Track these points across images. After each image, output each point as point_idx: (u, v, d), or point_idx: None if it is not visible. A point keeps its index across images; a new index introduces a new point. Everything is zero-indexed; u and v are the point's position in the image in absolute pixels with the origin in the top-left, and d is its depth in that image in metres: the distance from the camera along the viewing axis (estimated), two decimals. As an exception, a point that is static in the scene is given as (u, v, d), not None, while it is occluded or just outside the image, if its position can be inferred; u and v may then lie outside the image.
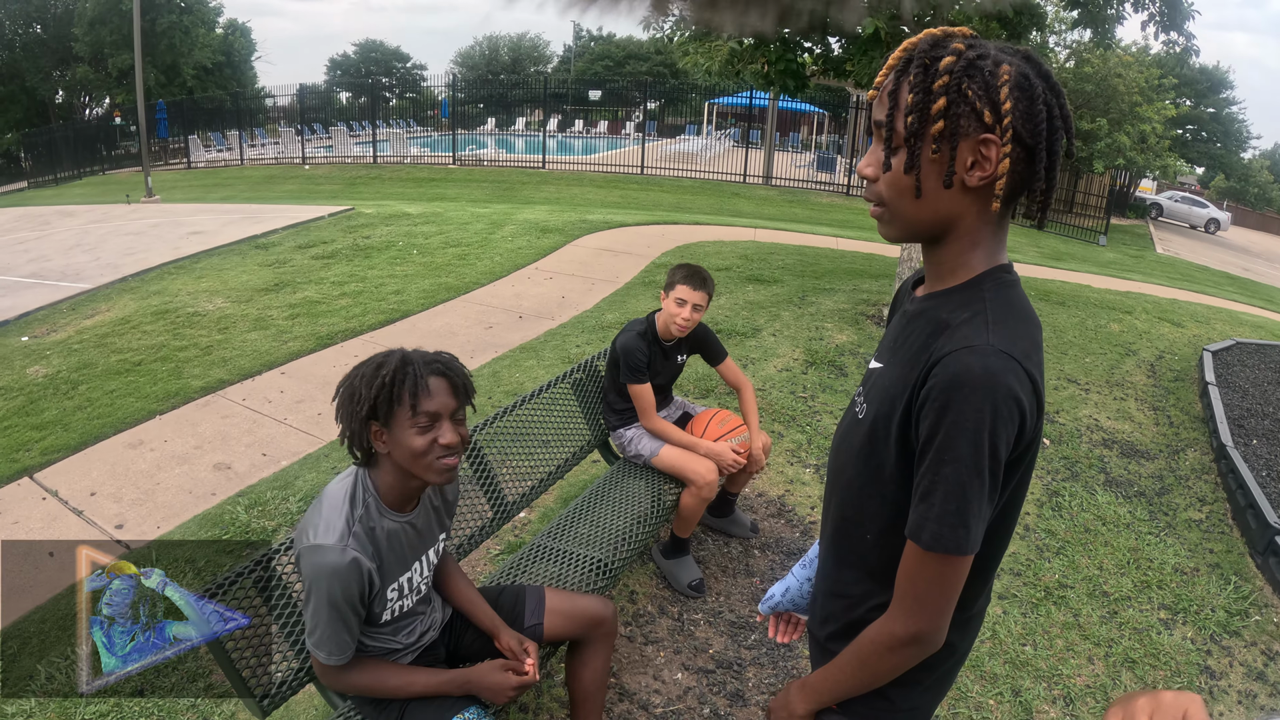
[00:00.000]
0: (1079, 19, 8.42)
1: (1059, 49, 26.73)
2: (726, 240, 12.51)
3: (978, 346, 1.22)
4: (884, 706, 1.51)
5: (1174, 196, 39.31)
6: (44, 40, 39.95)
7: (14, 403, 6.16)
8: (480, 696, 2.26)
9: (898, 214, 1.34)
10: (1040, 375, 1.27)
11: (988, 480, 1.22)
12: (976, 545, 1.26)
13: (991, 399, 1.19)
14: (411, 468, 1.99)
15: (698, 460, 3.72)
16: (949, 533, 1.24)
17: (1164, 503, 5.06)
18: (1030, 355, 1.25)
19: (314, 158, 29.02)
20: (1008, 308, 1.29)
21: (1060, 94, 1.26)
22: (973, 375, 1.20)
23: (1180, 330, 9.31)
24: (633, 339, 3.79)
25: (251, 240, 12.22)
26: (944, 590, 1.30)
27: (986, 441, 1.20)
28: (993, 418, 1.19)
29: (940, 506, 1.24)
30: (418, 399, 1.94)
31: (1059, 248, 20.02)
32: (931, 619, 1.32)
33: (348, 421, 2.00)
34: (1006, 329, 1.25)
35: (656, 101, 42.04)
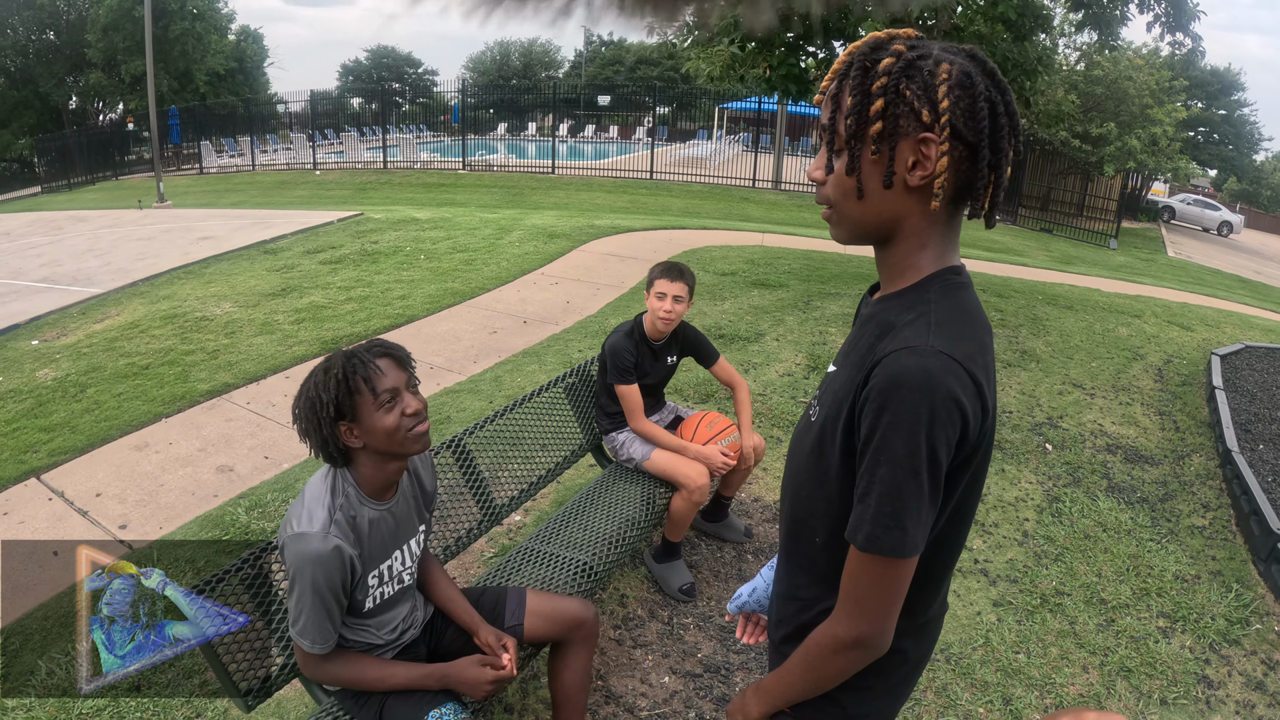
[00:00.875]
0: (1084, 20, 8.41)
1: (1070, 51, 26.66)
2: (734, 245, 12.51)
3: (917, 347, 1.22)
4: (835, 712, 1.50)
5: (1186, 199, 39.08)
6: (57, 46, 40.24)
7: (23, 405, 6.21)
8: (458, 691, 2.29)
9: (844, 216, 1.35)
10: (987, 378, 1.27)
11: (926, 482, 1.22)
12: (916, 548, 1.25)
13: (929, 400, 1.19)
14: (390, 447, 2.08)
15: (688, 464, 3.72)
16: (884, 534, 1.24)
17: (1167, 509, 5.02)
18: (974, 357, 1.25)
19: (325, 163, 29.12)
20: (953, 310, 1.29)
21: (1006, 92, 1.25)
22: (910, 376, 1.20)
23: (1189, 334, 9.26)
24: (620, 340, 3.81)
25: (260, 245, 12.28)
26: (885, 593, 1.30)
27: (924, 443, 1.20)
28: (930, 419, 1.19)
29: (876, 508, 1.24)
30: (373, 382, 2.03)
31: (1069, 251, 19.96)
32: (874, 622, 1.32)
33: (316, 431, 2.07)
34: (950, 331, 1.25)
35: (667, 106, 42.05)
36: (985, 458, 1.35)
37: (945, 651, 3.52)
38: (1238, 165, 47.89)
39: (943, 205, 1.29)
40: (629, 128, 41.68)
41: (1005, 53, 7.35)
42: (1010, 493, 5.02)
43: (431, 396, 6.23)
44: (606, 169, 26.09)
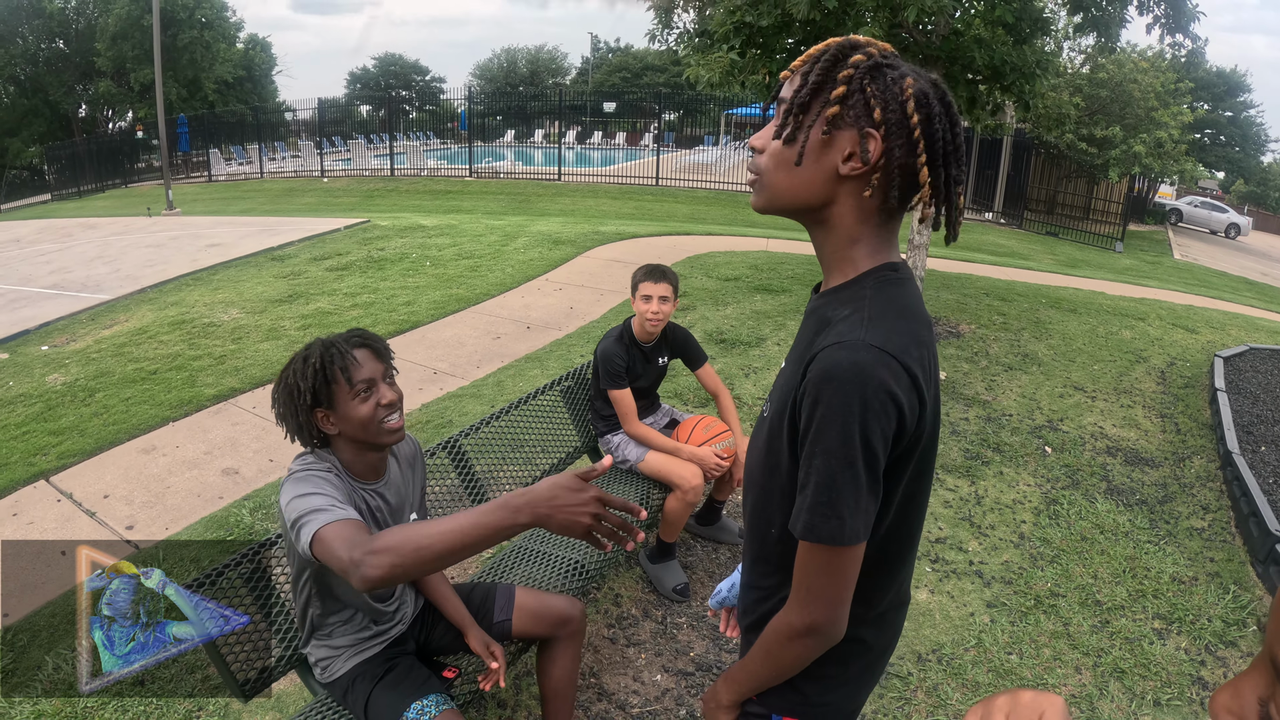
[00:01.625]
0: (1084, 23, 8.42)
1: (1074, 54, 26.62)
2: (738, 250, 12.53)
3: (848, 341, 1.26)
4: (797, 700, 1.53)
5: (1194, 202, 38.95)
6: (67, 55, 40.46)
7: (33, 409, 6.29)
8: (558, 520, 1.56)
9: (770, 183, 1.39)
10: (924, 371, 1.30)
11: (863, 473, 1.25)
12: (856, 537, 1.28)
13: (860, 392, 1.22)
14: (363, 436, 2.13)
15: (682, 465, 3.76)
16: (821, 522, 1.27)
17: (1166, 511, 5.03)
18: (909, 350, 1.28)
19: (332, 171, 29.18)
20: (889, 304, 1.33)
21: (956, 122, 1.32)
22: (842, 369, 1.24)
23: (1194, 336, 9.27)
24: (611, 344, 3.86)
25: (268, 252, 12.37)
26: (832, 580, 1.33)
27: (857, 434, 1.23)
28: (862, 410, 1.22)
29: (812, 497, 1.27)
30: (350, 372, 2.09)
31: (1074, 255, 19.92)
32: (824, 609, 1.35)
33: (294, 416, 2.13)
34: (884, 325, 1.28)
35: (674, 113, 42.03)
36: (930, 451, 1.39)
37: (937, 652, 3.54)
38: (1245, 167, 47.73)
39: (877, 202, 1.34)
40: (636, 134, 41.70)
41: (1004, 56, 7.36)
42: (1008, 495, 5.04)
43: (434, 401, 6.29)
44: (613, 175, 26.12)
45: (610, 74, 60.53)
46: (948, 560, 4.27)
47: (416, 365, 7.13)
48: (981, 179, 26.31)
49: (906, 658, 3.50)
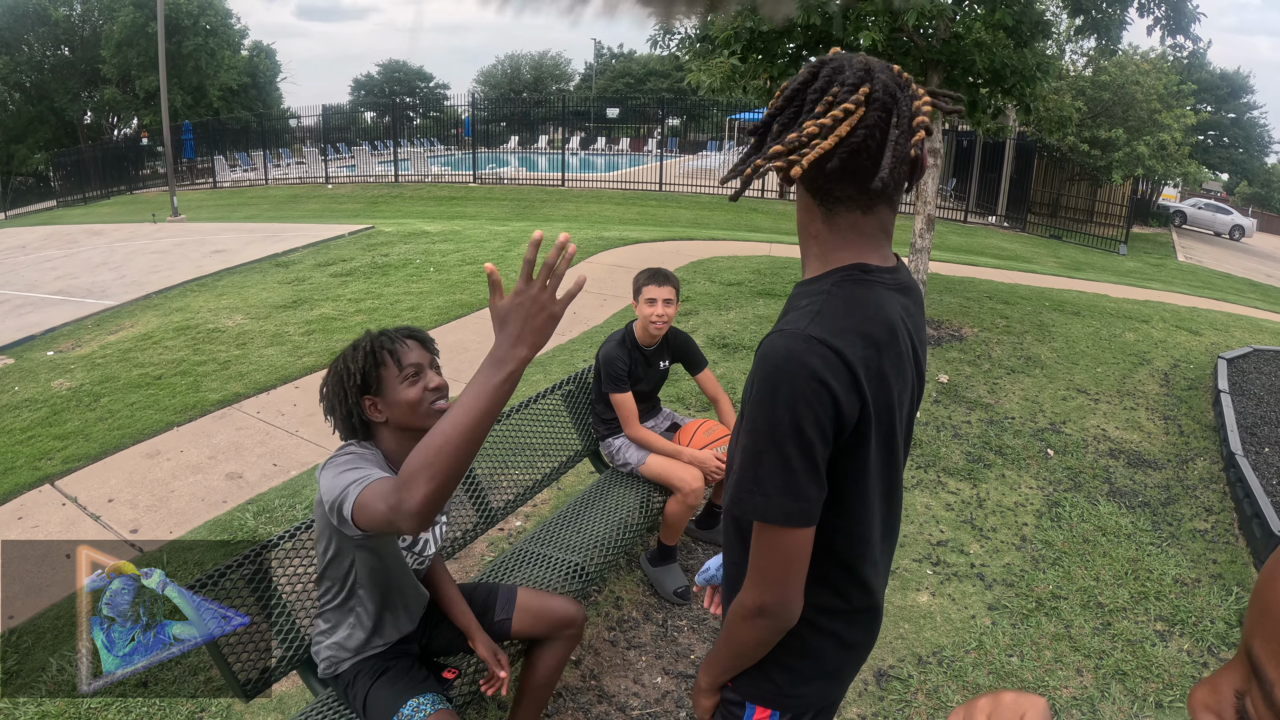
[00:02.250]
0: (1084, 26, 8.43)
1: (1077, 57, 26.60)
2: (741, 255, 12.54)
3: (788, 330, 1.31)
4: (772, 690, 1.57)
5: (1198, 204, 38.81)
6: (72, 62, 40.64)
7: (38, 414, 6.32)
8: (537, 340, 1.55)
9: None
10: (869, 370, 1.32)
11: (794, 455, 1.28)
12: (790, 518, 1.31)
13: (790, 376, 1.27)
14: (411, 421, 2.15)
15: (683, 468, 3.77)
16: (746, 499, 1.32)
17: (1169, 513, 5.03)
18: (852, 346, 1.30)
19: (337, 177, 29.24)
20: (844, 302, 1.36)
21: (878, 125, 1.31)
22: (777, 354, 1.29)
23: (1198, 338, 9.26)
24: (613, 348, 3.87)
25: (272, 258, 12.40)
26: (774, 561, 1.35)
27: (785, 417, 1.27)
28: (791, 395, 1.27)
29: (739, 474, 1.34)
30: (399, 356, 2.15)
31: (1078, 258, 19.91)
32: (772, 590, 1.37)
33: (342, 403, 2.17)
34: (831, 320, 1.32)
35: (678, 118, 42.08)
36: (883, 455, 1.42)
37: (938, 654, 3.55)
38: (1248, 169, 47.65)
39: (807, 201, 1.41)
40: (640, 140, 41.76)
41: (1005, 59, 7.37)
42: (1010, 498, 5.05)
43: (438, 405, 6.29)
44: (616, 181, 26.14)
45: (614, 80, 60.62)
46: (949, 563, 4.28)
47: (420, 370, 7.14)
48: (984, 182, 26.31)
49: (907, 660, 3.50)
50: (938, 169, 8.32)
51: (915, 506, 4.86)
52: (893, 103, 1.31)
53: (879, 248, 1.44)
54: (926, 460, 5.46)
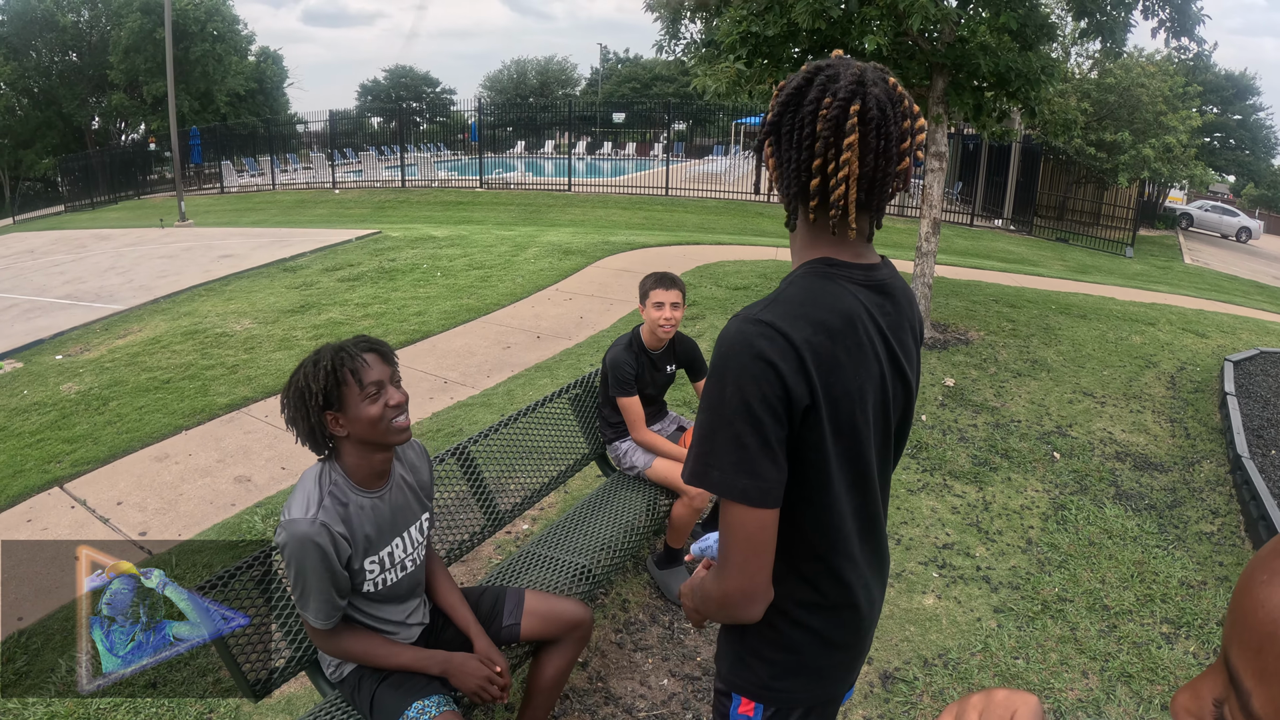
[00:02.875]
0: (1089, 28, 8.43)
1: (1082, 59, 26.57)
2: (747, 260, 12.55)
3: (739, 315, 1.39)
4: (755, 681, 1.61)
5: (1204, 206, 38.69)
6: (80, 68, 40.81)
7: (47, 417, 6.35)
8: (453, 683, 2.38)
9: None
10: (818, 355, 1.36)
11: (745, 431, 1.33)
12: (744, 495, 1.34)
13: (737, 356, 1.33)
14: (372, 436, 2.20)
15: None
16: (702, 471, 1.37)
17: (1175, 515, 5.03)
18: (799, 330, 1.35)
19: (344, 182, 29.28)
20: (802, 291, 1.43)
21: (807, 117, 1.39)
22: (728, 336, 1.37)
23: (1204, 341, 9.25)
24: (620, 352, 3.89)
25: (280, 263, 12.44)
26: (740, 543, 1.38)
27: (734, 394, 1.33)
28: (738, 372, 1.33)
29: (695, 448, 1.38)
30: (360, 374, 2.17)
31: (1084, 260, 19.88)
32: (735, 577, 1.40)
33: (305, 419, 2.19)
34: (785, 307, 1.39)
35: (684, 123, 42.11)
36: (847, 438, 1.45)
37: (943, 656, 3.56)
38: (1255, 170, 47.39)
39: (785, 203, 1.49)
40: (646, 144, 41.77)
41: (1009, 63, 7.37)
42: (1015, 501, 5.05)
43: (445, 410, 6.33)
44: (623, 186, 26.12)
45: (619, 85, 60.64)
46: (955, 565, 4.28)
47: (427, 375, 7.18)
48: (990, 186, 26.26)
49: (913, 662, 3.51)
50: (943, 173, 8.32)
51: (921, 509, 4.86)
52: (883, 120, 1.35)
53: (852, 247, 1.49)
54: (933, 463, 5.46)
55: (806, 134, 1.38)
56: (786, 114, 1.41)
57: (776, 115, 1.43)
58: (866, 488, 1.53)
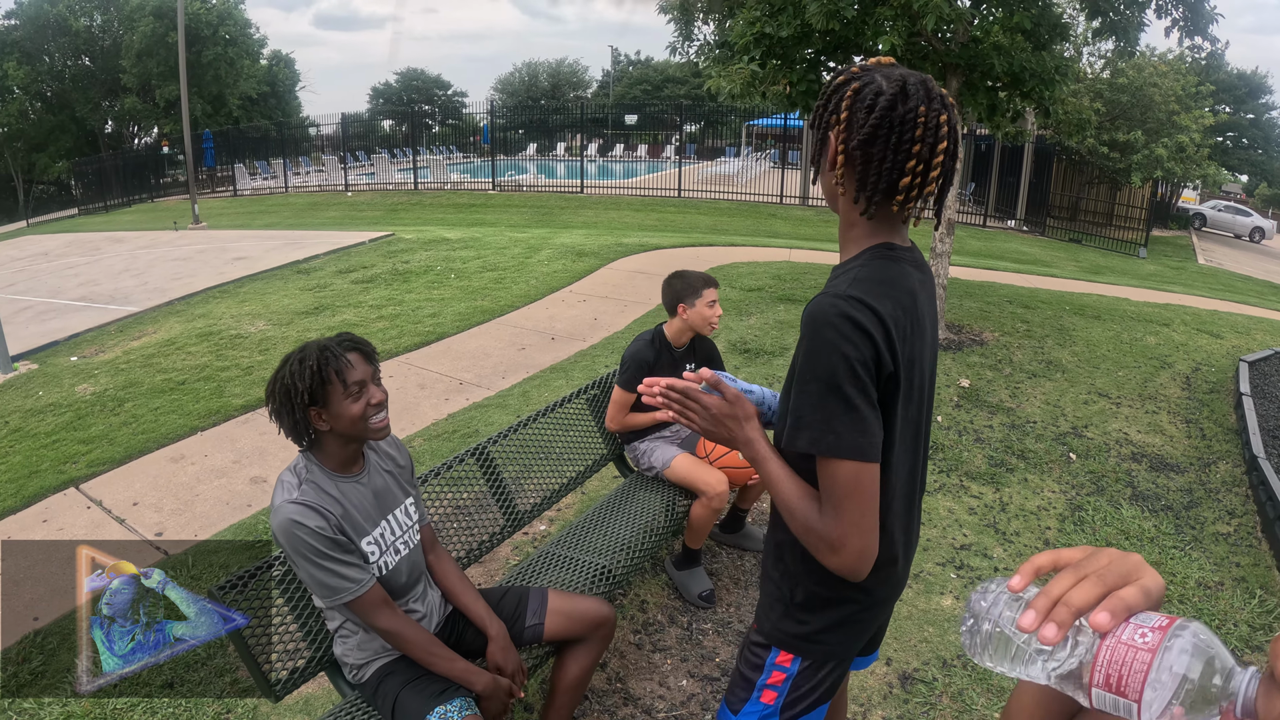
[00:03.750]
0: (1102, 28, 8.40)
1: (1094, 59, 26.45)
2: (761, 261, 12.55)
3: (829, 292, 1.52)
4: (795, 634, 1.72)
5: (1217, 206, 38.46)
6: (93, 72, 41.04)
7: (62, 418, 6.38)
8: (481, 705, 2.40)
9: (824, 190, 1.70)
10: (899, 328, 1.52)
11: (855, 394, 1.45)
12: (861, 452, 1.46)
13: (835, 327, 1.45)
14: (354, 432, 2.29)
15: (708, 471, 3.77)
16: (821, 437, 1.46)
17: (1191, 516, 5.00)
18: (883, 304, 1.50)
19: (356, 185, 29.34)
20: (875, 272, 1.56)
21: (914, 114, 1.50)
22: (820, 313, 1.48)
23: (1219, 341, 9.21)
24: (642, 346, 3.89)
25: (293, 265, 12.49)
26: (857, 499, 1.48)
27: (840, 362, 1.44)
28: (838, 341, 1.45)
29: (809, 417, 1.48)
30: (344, 374, 2.26)
31: (1098, 261, 19.80)
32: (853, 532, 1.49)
33: (290, 414, 2.27)
34: (864, 284, 1.52)
35: (695, 124, 42.09)
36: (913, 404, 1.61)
37: (962, 657, 3.54)
38: (1268, 170, 47.02)
39: (852, 193, 1.58)
40: (658, 146, 41.75)
41: (1024, 63, 7.35)
42: (1032, 502, 5.03)
43: (460, 411, 6.34)
44: (635, 188, 26.10)
45: (631, 87, 60.65)
46: (972, 567, 4.27)
47: (442, 376, 7.19)
48: (1003, 186, 26.18)
49: (931, 663, 3.50)
50: (957, 173, 8.29)
51: (938, 510, 4.85)
52: (955, 128, 1.54)
53: (901, 233, 1.67)
54: (949, 464, 5.45)
55: (906, 138, 1.49)
56: (885, 120, 1.49)
57: (879, 120, 1.50)
58: (919, 450, 1.70)
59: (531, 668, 2.70)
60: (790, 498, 1.57)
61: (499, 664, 2.48)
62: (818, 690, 1.77)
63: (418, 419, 6.24)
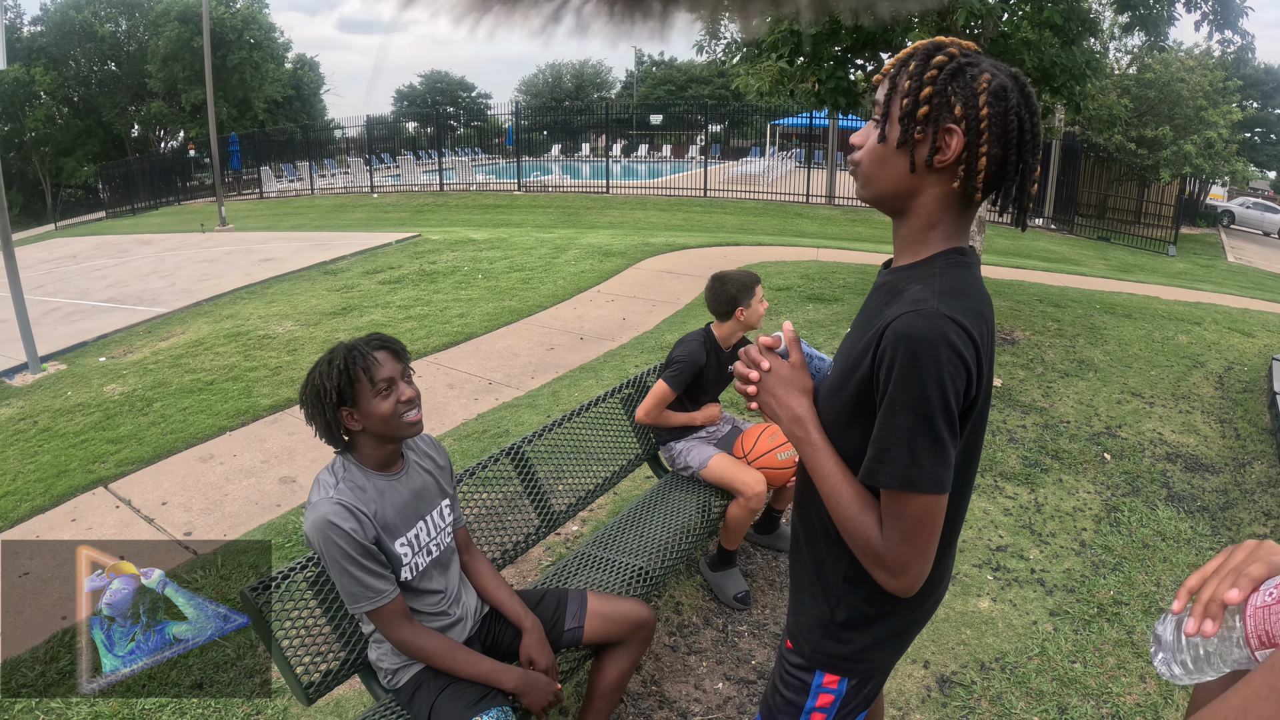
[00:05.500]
0: (1131, 22, 8.32)
1: (1121, 55, 26.23)
2: (788, 260, 12.49)
3: (924, 310, 1.38)
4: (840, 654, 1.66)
5: (1246, 203, 37.96)
6: (119, 77, 41.47)
7: (91, 418, 6.42)
8: (523, 701, 2.37)
9: (869, 175, 1.53)
10: (983, 343, 1.42)
11: (942, 426, 1.37)
12: (940, 485, 1.39)
13: (935, 353, 1.35)
14: (386, 430, 2.29)
15: (746, 471, 3.74)
16: (904, 472, 1.38)
17: (1227, 517, 4.93)
18: (974, 321, 1.40)
19: (382, 186, 29.45)
20: (954, 282, 1.45)
21: (1035, 113, 1.44)
22: (919, 334, 1.35)
23: (1251, 340, 9.08)
24: (697, 347, 3.88)
25: (321, 266, 12.54)
26: (926, 529, 1.43)
27: (935, 392, 1.35)
28: (937, 369, 1.35)
29: (895, 450, 1.39)
30: (372, 372, 2.25)
31: (1127, 259, 19.63)
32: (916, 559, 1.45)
33: (321, 415, 2.28)
34: (953, 299, 1.40)
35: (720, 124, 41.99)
36: (978, 429, 1.53)
37: (1000, 660, 3.49)
38: (1296, 166, 46.46)
39: (960, 191, 1.46)
40: (682, 146, 41.70)
41: (1053, 58, 7.29)
42: (1068, 502, 4.97)
43: (490, 411, 6.33)
44: (660, 188, 26.07)
45: (655, 87, 60.60)
46: (1009, 568, 4.22)
47: (471, 376, 7.18)
48: (1031, 184, 25.95)
49: (970, 666, 3.45)
50: (986, 171, 8.23)
51: (973, 511, 4.79)
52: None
53: (969, 231, 1.56)
54: (983, 465, 5.38)
55: (1014, 133, 1.41)
56: (1020, 120, 1.42)
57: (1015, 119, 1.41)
58: (975, 467, 1.62)
59: (569, 671, 2.68)
60: (846, 505, 1.49)
61: (532, 657, 2.46)
62: (864, 703, 1.75)
63: (447, 419, 6.23)
